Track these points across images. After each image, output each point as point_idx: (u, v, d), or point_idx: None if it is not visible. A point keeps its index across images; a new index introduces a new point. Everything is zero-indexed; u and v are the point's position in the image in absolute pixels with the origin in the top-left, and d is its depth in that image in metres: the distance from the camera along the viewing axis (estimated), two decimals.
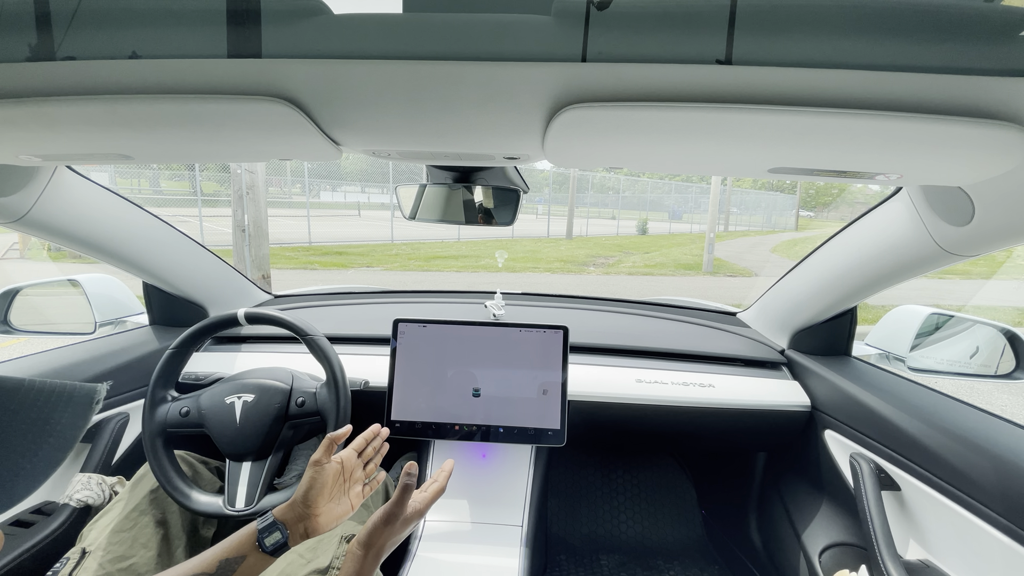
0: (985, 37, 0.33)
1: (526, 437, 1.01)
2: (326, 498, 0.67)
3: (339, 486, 0.70)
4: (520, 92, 0.41)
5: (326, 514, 0.67)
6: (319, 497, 0.66)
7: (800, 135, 0.42)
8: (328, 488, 0.67)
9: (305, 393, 0.94)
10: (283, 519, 0.64)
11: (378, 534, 0.63)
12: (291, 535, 0.64)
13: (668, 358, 1.21)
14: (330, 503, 0.68)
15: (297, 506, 0.65)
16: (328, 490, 0.67)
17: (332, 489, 0.68)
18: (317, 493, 0.66)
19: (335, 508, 0.69)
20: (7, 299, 1.13)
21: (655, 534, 1.49)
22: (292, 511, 0.65)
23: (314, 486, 0.66)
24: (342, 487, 0.70)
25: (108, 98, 0.42)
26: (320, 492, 0.66)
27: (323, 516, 0.67)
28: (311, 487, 0.66)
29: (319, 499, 0.66)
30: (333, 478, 0.68)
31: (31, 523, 0.86)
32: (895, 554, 0.80)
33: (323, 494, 0.66)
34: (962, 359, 1.07)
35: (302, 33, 0.37)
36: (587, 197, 21.23)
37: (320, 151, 0.55)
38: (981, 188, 0.59)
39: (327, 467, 0.67)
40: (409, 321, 1.07)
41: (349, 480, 0.71)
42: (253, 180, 5.28)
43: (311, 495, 0.66)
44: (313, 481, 0.66)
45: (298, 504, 0.65)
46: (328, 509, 0.67)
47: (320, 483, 0.66)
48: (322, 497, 0.66)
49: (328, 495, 0.67)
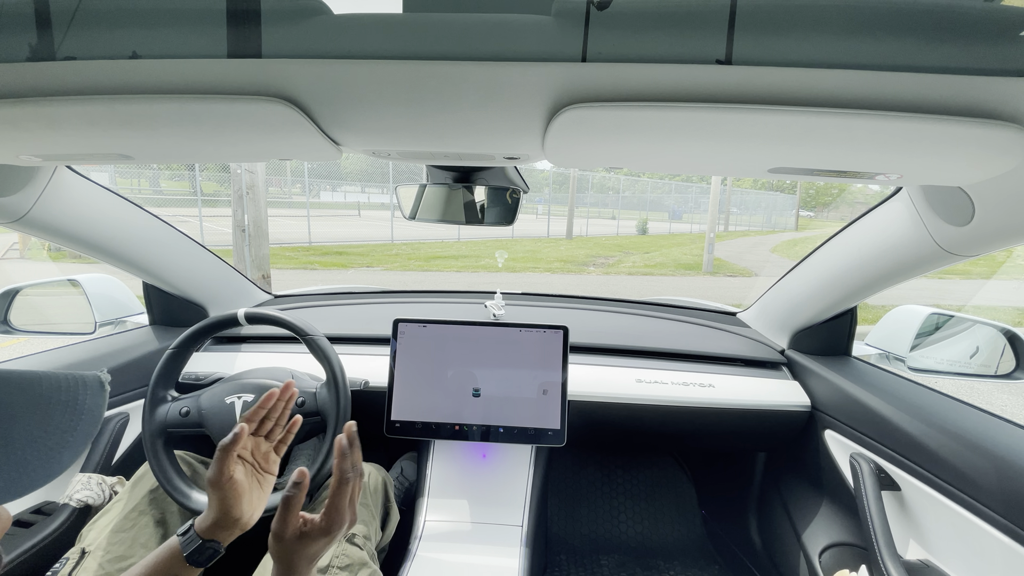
0: (985, 37, 0.33)
1: (526, 437, 1.01)
2: (248, 500, 0.63)
3: (252, 477, 0.65)
4: (520, 92, 0.41)
5: (256, 507, 0.64)
6: (240, 505, 0.62)
7: (800, 135, 0.42)
8: (244, 492, 0.63)
9: (305, 393, 0.94)
10: (214, 535, 0.61)
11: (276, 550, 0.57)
12: (224, 542, 0.62)
13: (668, 358, 1.21)
14: (254, 493, 0.64)
15: (224, 521, 0.61)
16: (245, 493, 0.63)
17: (248, 487, 0.63)
18: (235, 505, 0.61)
19: (261, 494, 0.66)
20: (7, 299, 1.13)
21: (655, 534, 1.49)
22: (221, 528, 0.61)
23: (230, 502, 0.61)
24: (256, 472, 0.66)
25: (108, 98, 0.42)
26: (237, 501, 0.61)
27: (256, 510, 0.64)
28: (227, 505, 0.61)
29: (241, 506, 0.62)
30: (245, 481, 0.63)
31: (31, 523, 0.86)
32: (895, 554, 0.80)
33: (242, 500, 0.62)
34: (962, 359, 1.07)
35: (302, 33, 0.37)
36: (587, 197, 21.24)
37: (320, 151, 0.55)
38: (981, 188, 0.59)
39: (234, 479, 0.61)
40: (409, 321, 1.07)
41: (259, 460, 0.67)
42: (253, 180, 5.28)
43: (234, 511, 0.61)
44: (224, 500, 0.61)
45: (224, 520, 0.61)
46: (256, 500, 0.64)
47: (233, 497, 0.61)
48: (243, 503, 0.62)
49: (248, 496, 0.63)
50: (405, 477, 1.30)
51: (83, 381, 0.40)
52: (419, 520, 1.02)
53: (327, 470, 0.88)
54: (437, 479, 1.08)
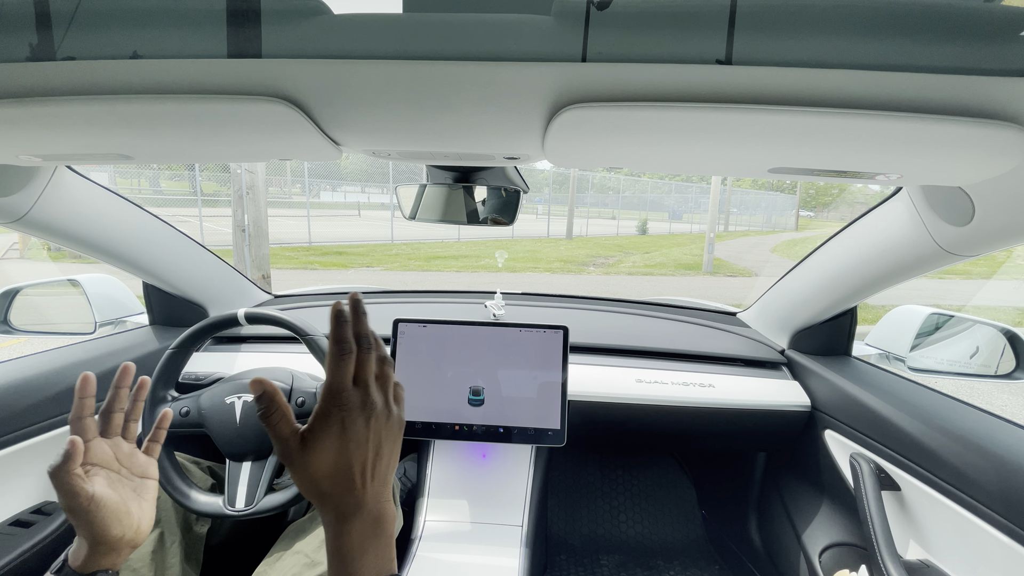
0: (985, 37, 0.33)
1: (526, 437, 1.01)
2: (125, 514, 0.50)
3: (123, 486, 0.52)
4: (520, 92, 0.41)
5: (141, 518, 0.52)
6: (118, 524, 0.49)
7: (800, 135, 0.42)
8: (118, 507, 0.50)
9: (305, 393, 0.94)
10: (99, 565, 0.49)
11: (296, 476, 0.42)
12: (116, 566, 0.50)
13: (668, 358, 1.21)
14: (132, 504, 0.52)
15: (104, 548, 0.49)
16: (119, 508, 0.50)
17: (121, 500, 0.50)
18: (111, 526, 0.48)
19: (142, 502, 0.53)
20: (7, 299, 1.13)
21: (655, 534, 1.49)
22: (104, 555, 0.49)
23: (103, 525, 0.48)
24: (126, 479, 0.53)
25: (108, 98, 0.42)
26: (113, 521, 0.49)
27: (141, 522, 0.52)
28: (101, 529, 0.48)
29: (120, 524, 0.49)
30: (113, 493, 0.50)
31: (31, 523, 0.86)
32: (895, 554, 0.80)
33: (118, 517, 0.49)
34: (962, 359, 1.07)
35: (302, 33, 0.37)
36: (587, 197, 21.25)
37: (320, 151, 0.55)
38: (981, 188, 0.59)
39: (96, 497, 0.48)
40: (409, 321, 1.07)
41: (124, 464, 0.54)
42: (253, 180, 5.28)
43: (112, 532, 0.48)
44: (93, 524, 0.48)
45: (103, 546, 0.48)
46: (137, 511, 0.52)
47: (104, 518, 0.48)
48: (120, 520, 0.49)
49: (125, 510, 0.50)
50: (408, 478, 1.30)
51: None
52: (419, 520, 1.02)
53: None
54: (437, 479, 1.08)
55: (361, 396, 0.41)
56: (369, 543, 0.40)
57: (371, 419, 0.41)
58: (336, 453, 0.40)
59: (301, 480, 0.41)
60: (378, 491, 0.42)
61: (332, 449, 0.40)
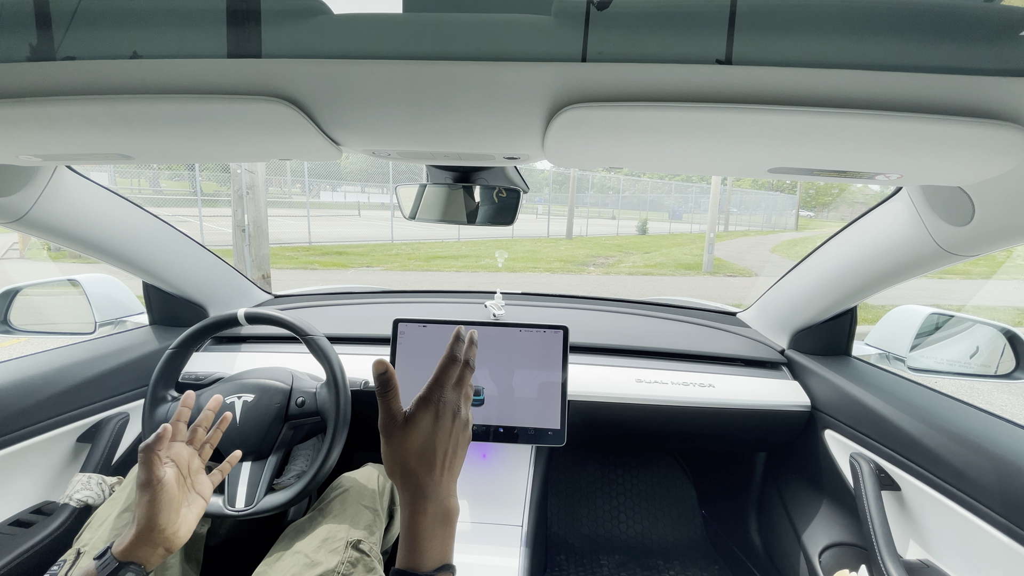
0: (985, 37, 0.33)
1: (526, 437, 1.01)
2: (175, 510, 0.59)
3: (183, 489, 0.62)
4: (520, 92, 0.41)
5: (183, 523, 0.60)
6: (167, 515, 0.58)
7: (800, 135, 0.42)
8: (174, 500, 0.59)
9: (305, 393, 0.94)
10: (135, 556, 0.56)
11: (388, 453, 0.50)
12: (149, 565, 0.57)
13: (668, 358, 1.21)
14: (181, 510, 0.61)
15: (147, 535, 0.57)
16: (175, 502, 0.59)
17: (178, 497, 0.59)
18: (162, 512, 0.57)
19: (188, 513, 0.62)
20: (7, 299, 1.13)
21: (655, 534, 1.49)
22: (144, 543, 0.57)
23: (157, 508, 0.57)
24: (186, 487, 0.63)
25: (108, 98, 0.42)
26: (165, 509, 0.58)
27: (181, 527, 0.60)
28: (153, 511, 0.57)
29: (169, 516, 0.58)
30: (176, 487, 0.59)
31: (31, 523, 0.86)
32: (895, 554, 0.80)
33: (170, 509, 0.58)
34: (962, 359, 1.07)
35: (302, 33, 0.37)
36: (587, 197, 21.25)
37: (320, 151, 0.55)
38: (981, 188, 0.59)
39: (163, 482, 0.58)
40: (409, 321, 1.07)
41: (191, 474, 0.64)
42: (253, 180, 5.28)
43: (160, 519, 0.57)
44: (151, 504, 0.57)
45: (147, 533, 0.57)
46: (183, 516, 0.60)
47: (161, 502, 0.57)
48: (171, 513, 0.58)
49: (176, 507, 0.59)
50: None
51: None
52: None
53: (327, 470, 0.88)
54: None
55: (455, 399, 0.49)
56: (438, 528, 0.46)
57: (456, 419, 0.49)
58: (427, 435, 0.47)
59: (394, 454, 0.48)
60: (450, 484, 0.49)
61: (425, 431, 0.47)
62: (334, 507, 0.89)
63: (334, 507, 0.89)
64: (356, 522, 0.86)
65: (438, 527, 0.46)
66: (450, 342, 0.50)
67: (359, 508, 0.90)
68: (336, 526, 0.85)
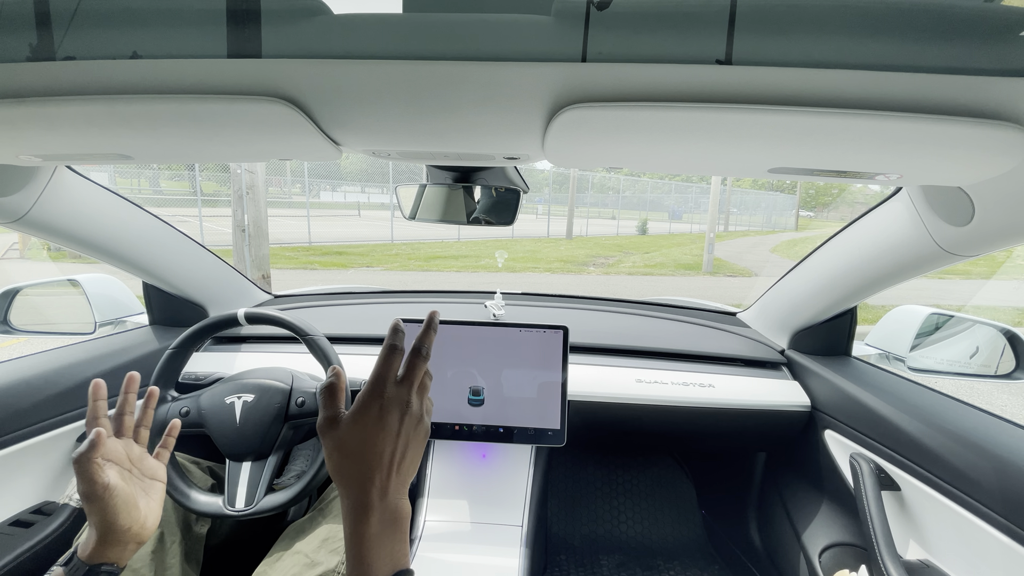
0: (985, 37, 0.33)
1: (526, 437, 1.01)
2: (134, 506, 0.54)
3: (133, 482, 0.57)
4: (520, 92, 0.41)
5: (148, 515, 0.56)
6: (127, 514, 0.53)
7: (800, 135, 0.42)
8: (128, 498, 0.54)
9: (305, 393, 0.94)
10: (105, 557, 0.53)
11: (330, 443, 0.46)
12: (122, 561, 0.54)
13: (668, 358, 1.21)
14: (140, 499, 0.56)
15: (111, 536, 0.53)
16: (129, 500, 0.54)
17: (131, 493, 0.55)
18: (120, 515, 0.52)
19: (150, 501, 0.57)
20: (7, 299, 1.13)
21: (655, 534, 1.49)
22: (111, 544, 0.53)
23: (113, 513, 0.52)
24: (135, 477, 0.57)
25: (108, 98, 0.42)
26: (123, 511, 0.53)
27: (147, 519, 0.56)
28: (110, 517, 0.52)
29: (129, 515, 0.53)
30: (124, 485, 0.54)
31: (31, 523, 0.87)
32: (895, 554, 0.80)
33: (128, 508, 0.53)
34: (962, 359, 1.07)
35: (302, 33, 0.37)
36: (587, 197, 21.25)
37: (320, 151, 0.55)
38: (981, 188, 0.59)
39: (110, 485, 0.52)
40: (409, 321, 1.07)
41: (135, 464, 0.58)
42: (253, 180, 5.28)
43: (120, 521, 0.52)
44: (105, 511, 0.52)
45: (110, 535, 0.53)
46: (144, 508, 0.56)
47: (116, 506, 0.52)
48: (130, 511, 0.54)
49: (133, 503, 0.54)
50: None
51: None
52: (419, 520, 1.02)
53: (327, 470, 0.88)
54: (437, 479, 1.08)
55: (401, 394, 0.45)
56: (386, 535, 0.42)
57: (405, 417, 0.44)
58: (368, 437, 0.43)
59: (331, 456, 0.44)
60: (398, 487, 0.44)
61: (365, 432, 0.43)
62: (334, 507, 0.90)
63: (334, 507, 0.90)
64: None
65: (387, 533, 0.42)
66: (388, 332, 0.46)
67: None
68: (336, 526, 0.85)
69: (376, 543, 0.42)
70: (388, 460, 0.43)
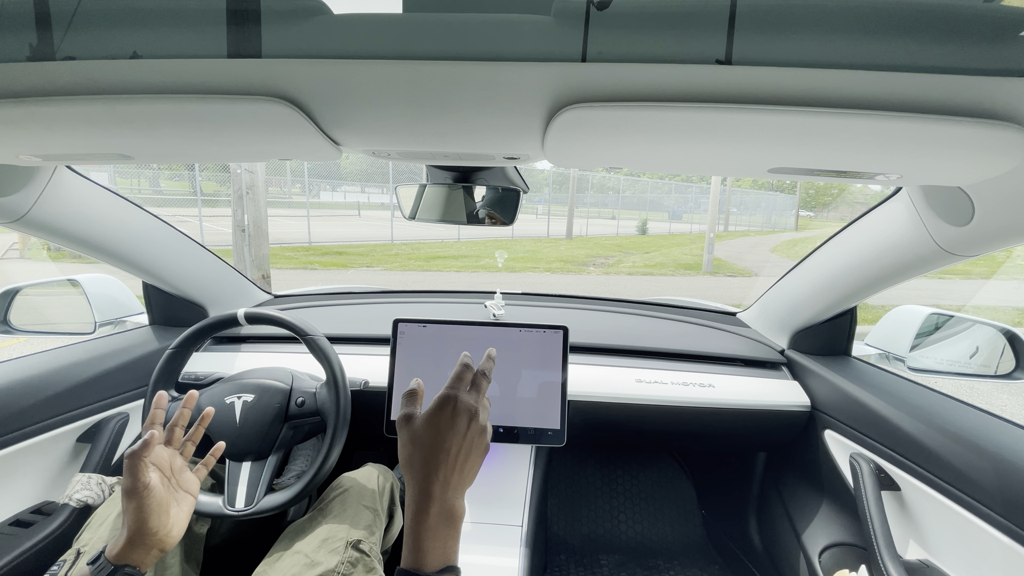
0: (985, 37, 0.33)
1: (526, 437, 1.01)
2: (165, 512, 0.59)
3: (170, 490, 0.62)
4: (520, 92, 0.41)
5: (174, 523, 0.61)
6: (158, 517, 0.58)
7: (800, 135, 0.42)
8: (163, 502, 0.59)
9: (305, 393, 0.94)
10: (129, 559, 0.57)
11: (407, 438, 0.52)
12: (143, 566, 0.58)
13: (668, 358, 1.21)
14: (172, 508, 0.61)
15: (139, 538, 0.57)
16: (163, 504, 0.59)
17: (166, 499, 0.60)
18: (152, 516, 0.57)
19: (179, 512, 0.62)
20: (7, 299, 1.13)
21: (655, 534, 1.49)
22: (137, 546, 0.57)
23: (146, 512, 0.57)
24: (172, 487, 0.63)
25: (108, 98, 0.42)
26: (155, 513, 0.58)
27: (173, 527, 0.61)
28: (143, 516, 0.57)
29: (159, 519, 0.58)
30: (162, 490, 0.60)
31: (31, 523, 0.86)
32: (895, 554, 0.80)
33: (160, 512, 0.58)
34: (962, 359, 1.07)
35: (302, 33, 0.37)
36: (587, 197, 21.25)
37: (320, 151, 0.55)
38: (981, 188, 0.59)
39: (150, 486, 0.58)
40: (409, 321, 1.07)
41: (175, 474, 0.64)
42: (253, 180, 5.28)
43: (151, 523, 0.57)
44: (140, 510, 0.57)
45: (139, 536, 0.57)
46: (174, 517, 0.61)
47: (150, 506, 0.57)
48: (161, 515, 0.59)
49: (165, 508, 0.60)
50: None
51: None
52: None
53: (327, 470, 0.88)
54: None
55: (471, 403, 0.50)
56: (441, 529, 0.47)
57: (472, 422, 0.50)
58: (439, 433, 0.48)
59: (404, 447, 0.49)
60: (458, 485, 0.48)
61: (438, 429, 0.48)
62: (334, 507, 0.89)
63: (334, 507, 0.89)
64: (356, 522, 0.86)
65: (441, 528, 0.46)
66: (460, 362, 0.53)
67: (359, 508, 0.90)
68: (336, 526, 0.85)
69: (432, 534, 0.46)
70: (454, 457, 0.48)
